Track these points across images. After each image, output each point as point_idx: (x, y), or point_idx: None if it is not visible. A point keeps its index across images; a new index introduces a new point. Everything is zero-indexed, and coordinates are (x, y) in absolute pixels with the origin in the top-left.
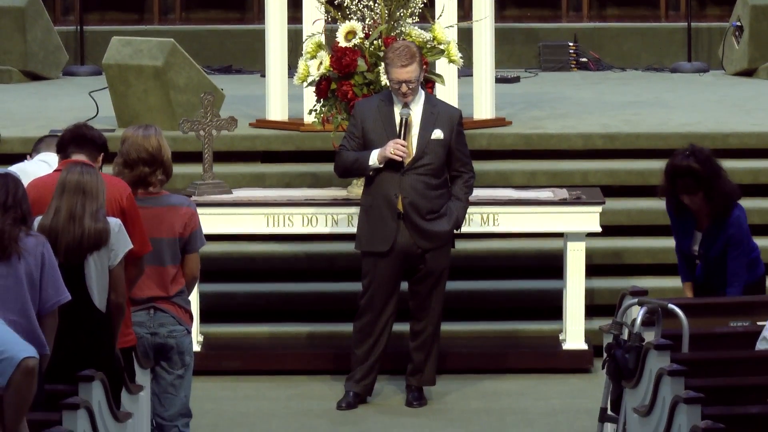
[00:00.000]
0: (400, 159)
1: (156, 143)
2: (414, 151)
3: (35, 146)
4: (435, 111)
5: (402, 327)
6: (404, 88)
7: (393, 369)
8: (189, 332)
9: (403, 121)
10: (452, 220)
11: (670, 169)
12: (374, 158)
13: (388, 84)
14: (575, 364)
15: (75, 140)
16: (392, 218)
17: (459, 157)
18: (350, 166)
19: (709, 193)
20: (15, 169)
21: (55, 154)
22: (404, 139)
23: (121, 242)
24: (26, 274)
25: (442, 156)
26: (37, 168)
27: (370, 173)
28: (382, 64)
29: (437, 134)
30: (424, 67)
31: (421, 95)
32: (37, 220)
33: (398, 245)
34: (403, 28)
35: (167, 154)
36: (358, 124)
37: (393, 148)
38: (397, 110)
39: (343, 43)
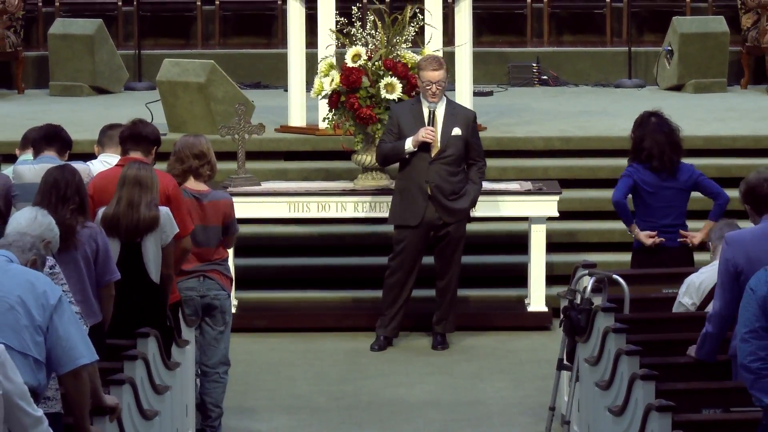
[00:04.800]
0: (431, 140)
1: (205, 145)
2: (439, 145)
3: (99, 139)
4: (455, 112)
5: (421, 293)
6: (434, 88)
7: (414, 326)
8: (229, 296)
9: (431, 114)
10: (469, 199)
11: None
12: (409, 144)
13: (393, 98)
14: (537, 323)
15: (132, 138)
16: (422, 199)
17: (474, 148)
18: (389, 152)
19: None
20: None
21: (115, 155)
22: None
23: (170, 227)
24: (83, 260)
25: (461, 149)
26: (101, 168)
27: (406, 156)
28: (382, 81)
29: (456, 131)
30: (412, 78)
31: (444, 100)
32: (101, 210)
33: (425, 220)
34: (398, 52)
35: (213, 155)
36: (395, 122)
37: (424, 133)
38: (426, 108)
39: (350, 64)
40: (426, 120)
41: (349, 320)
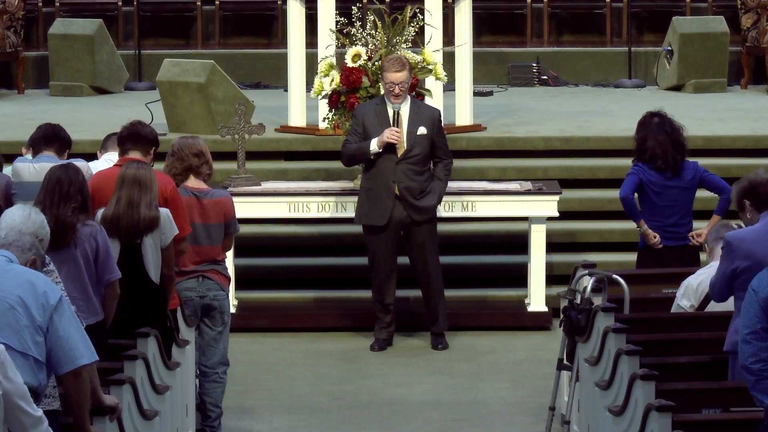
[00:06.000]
0: (395, 141)
1: (203, 145)
2: (405, 145)
3: (103, 144)
4: (420, 112)
5: (418, 293)
6: (397, 89)
7: (413, 326)
8: (228, 296)
9: (396, 114)
10: (435, 196)
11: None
12: (374, 145)
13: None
14: (537, 323)
15: (131, 138)
16: (389, 198)
17: (440, 146)
18: (354, 153)
19: None
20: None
21: (117, 153)
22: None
23: (170, 228)
24: (83, 257)
25: (427, 147)
26: (104, 166)
27: (371, 157)
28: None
29: (422, 131)
30: (413, 77)
31: (408, 99)
32: (101, 211)
33: (394, 219)
34: (398, 52)
35: (210, 157)
36: (359, 122)
37: (389, 133)
38: (390, 109)
39: (350, 64)
40: (391, 120)
41: (349, 320)
